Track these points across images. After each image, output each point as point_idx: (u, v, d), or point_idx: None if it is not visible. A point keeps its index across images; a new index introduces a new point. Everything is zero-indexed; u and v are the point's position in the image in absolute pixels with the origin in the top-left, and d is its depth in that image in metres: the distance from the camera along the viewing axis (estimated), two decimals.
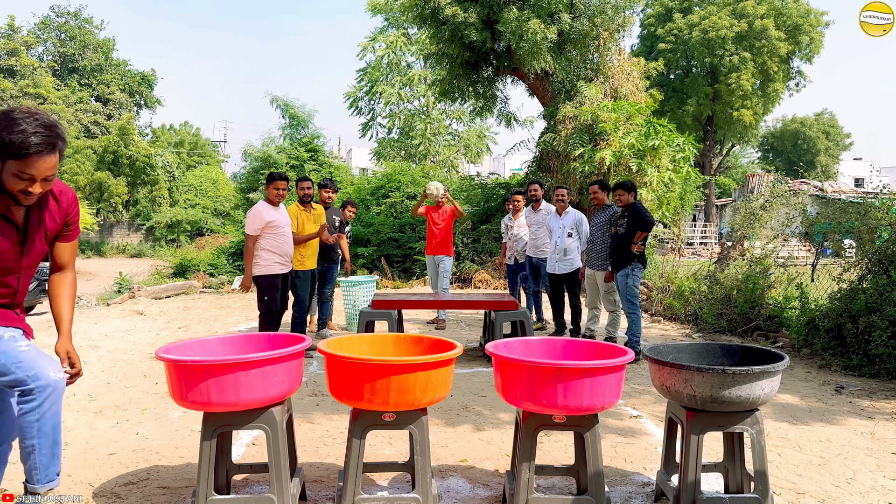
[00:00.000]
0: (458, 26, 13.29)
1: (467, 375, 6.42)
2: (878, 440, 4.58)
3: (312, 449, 4.31)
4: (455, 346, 3.17)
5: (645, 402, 5.56)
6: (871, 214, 7.58)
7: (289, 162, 21.87)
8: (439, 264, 9.09)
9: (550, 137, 14.01)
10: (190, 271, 15.85)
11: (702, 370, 2.98)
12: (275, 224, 6.54)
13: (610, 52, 14.64)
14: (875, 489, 3.70)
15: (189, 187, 35.57)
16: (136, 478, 3.74)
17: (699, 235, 32.52)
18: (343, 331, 8.88)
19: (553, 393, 2.89)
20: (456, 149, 31.67)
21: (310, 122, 25.58)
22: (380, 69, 31.00)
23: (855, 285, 7.28)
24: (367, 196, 18.30)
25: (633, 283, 7.01)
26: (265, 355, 2.94)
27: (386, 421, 3.06)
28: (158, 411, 5.16)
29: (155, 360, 6.82)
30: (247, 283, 6.54)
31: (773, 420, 5.00)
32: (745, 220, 10.71)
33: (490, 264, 14.97)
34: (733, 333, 8.75)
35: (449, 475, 3.84)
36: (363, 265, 15.84)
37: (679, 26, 33.62)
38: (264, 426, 3.07)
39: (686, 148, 12.64)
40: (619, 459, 4.16)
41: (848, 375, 6.54)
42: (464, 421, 4.95)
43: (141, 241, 33.92)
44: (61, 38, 42.21)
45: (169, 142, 42.09)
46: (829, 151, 49.74)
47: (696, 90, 34.08)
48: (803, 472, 3.96)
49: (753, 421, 3.13)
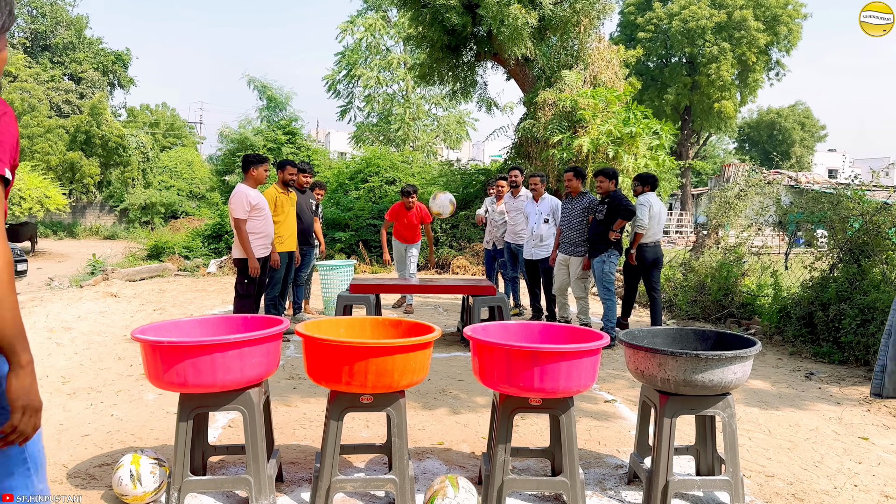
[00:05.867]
0: (439, 9, 13.21)
1: (445, 360, 6.45)
2: (846, 425, 4.69)
3: (289, 431, 4.31)
4: (433, 329, 3.19)
5: (619, 386, 5.63)
6: (843, 205, 7.70)
7: (266, 144, 21.63)
8: (406, 250, 9.12)
9: (530, 124, 14.03)
10: (164, 254, 15.67)
11: (675, 354, 3.02)
12: (258, 206, 6.47)
13: (590, 39, 14.66)
14: (842, 472, 3.79)
15: (164, 169, 35.08)
16: (111, 459, 3.71)
17: (675, 224, 32.83)
18: (320, 315, 8.86)
19: (530, 376, 2.92)
20: (435, 134, 31.57)
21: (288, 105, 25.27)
22: (358, 52, 30.74)
23: (826, 274, 7.41)
24: (346, 180, 18.19)
25: (609, 269, 7.09)
26: (243, 337, 2.93)
27: (364, 403, 3.07)
28: (133, 393, 5.12)
29: (129, 343, 6.76)
30: (254, 265, 6.37)
31: (744, 405, 5.10)
32: (720, 209, 10.83)
33: (468, 250, 14.99)
34: (707, 320, 8.87)
35: (426, 457, 3.87)
36: (341, 250, 15.77)
37: (659, 15, 33.76)
38: (241, 408, 3.06)
39: (663, 135, 12.74)
40: (594, 442, 4.22)
41: (818, 362, 6.67)
42: (441, 404, 4.98)
43: (115, 222, 33.45)
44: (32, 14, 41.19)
45: (145, 122, 41.42)
46: (804, 142, 50.38)
47: (675, 80, 34.28)
48: (773, 455, 4.04)
49: (725, 405, 3.19)
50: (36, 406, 1.65)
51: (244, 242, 6.36)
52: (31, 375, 1.63)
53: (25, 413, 1.63)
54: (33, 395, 1.64)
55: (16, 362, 1.61)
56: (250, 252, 6.35)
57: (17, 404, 1.61)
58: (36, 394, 1.65)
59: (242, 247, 6.38)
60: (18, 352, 1.61)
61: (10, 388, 1.61)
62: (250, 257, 6.35)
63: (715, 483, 3.24)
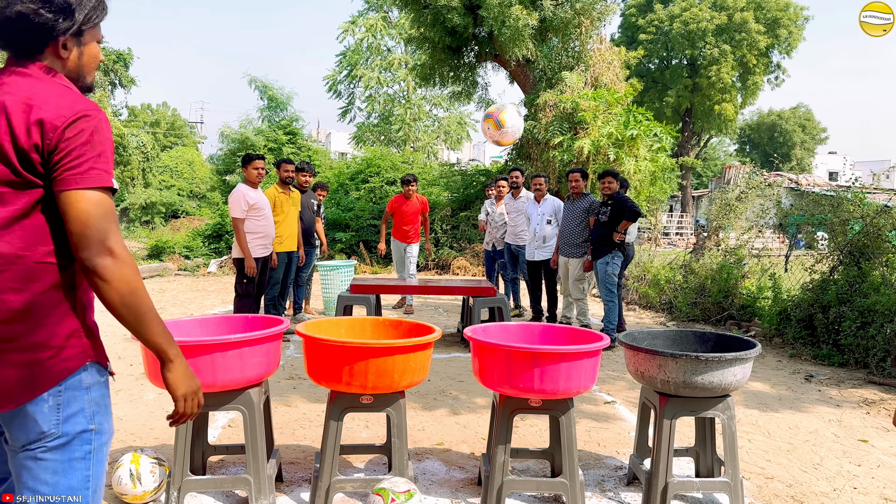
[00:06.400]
0: (441, 10, 13.21)
1: (445, 360, 6.46)
2: (845, 427, 4.69)
3: (289, 431, 4.31)
4: (434, 329, 3.19)
5: (619, 388, 5.63)
6: (843, 207, 7.70)
7: (267, 144, 21.63)
8: (406, 249, 9.11)
9: (531, 125, 14.02)
10: (165, 254, 15.67)
11: (675, 356, 3.03)
12: (256, 206, 6.50)
13: (591, 41, 14.66)
14: (841, 474, 3.79)
15: (164, 168, 35.06)
16: (111, 458, 3.71)
17: (675, 225, 32.84)
18: (321, 315, 8.86)
19: (530, 377, 2.92)
20: (436, 135, 31.56)
21: (289, 105, 25.26)
22: (359, 53, 30.74)
23: (826, 276, 7.41)
24: (347, 181, 18.18)
25: (612, 270, 7.09)
26: (243, 336, 2.93)
27: (364, 403, 3.08)
28: (133, 393, 5.12)
29: (129, 342, 6.76)
30: (250, 264, 6.41)
31: (743, 407, 5.10)
32: (720, 211, 10.84)
33: (468, 251, 14.99)
34: (707, 322, 8.87)
35: (425, 458, 3.87)
36: (341, 250, 15.77)
37: (660, 17, 33.74)
38: (241, 407, 3.07)
39: (663, 138, 12.74)
40: (593, 443, 4.22)
41: (817, 364, 6.67)
42: (441, 405, 4.98)
43: None
44: None
45: (145, 121, 41.39)
46: (805, 145, 50.34)
47: (676, 82, 34.26)
48: (772, 457, 4.04)
49: (725, 407, 3.19)
50: (194, 389, 1.77)
51: (241, 241, 6.41)
52: (181, 366, 1.73)
53: (187, 399, 1.76)
54: (189, 381, 1.76)
55: (166, 357, 1.70)
56: (247, 251, 6.39)
57: (178, 393, 1.74)
58: (190, 378, 1.76)
59: (239, 245, 6.43)
60: (166, 348, 1.69)
61: (168, 381, 1.73)
62: (247, 256, 6.40)
63: (714, 485, 3.24)
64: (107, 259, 1.56)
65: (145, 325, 1.64)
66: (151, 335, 1.65)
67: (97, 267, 1.55)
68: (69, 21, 1.65)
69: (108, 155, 1.62)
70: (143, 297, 1.62)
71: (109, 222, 1.58)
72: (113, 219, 1.60)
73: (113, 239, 1.57)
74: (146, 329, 1.64)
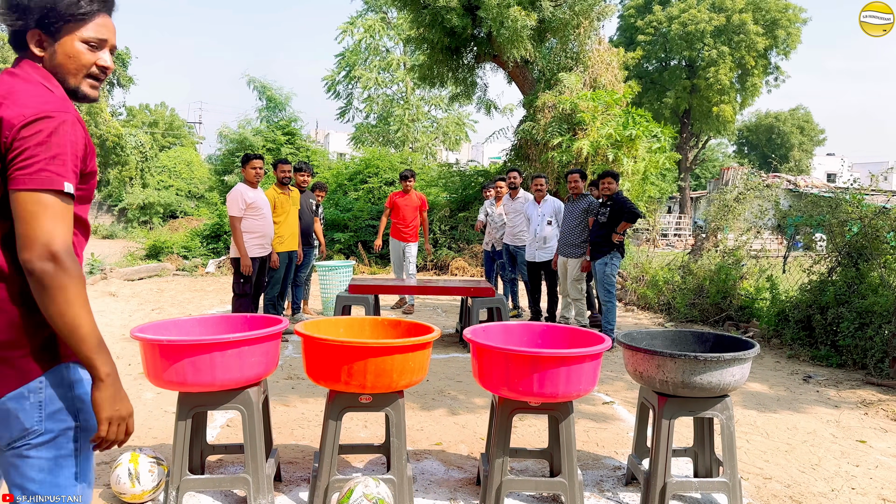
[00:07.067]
0: (439, 11, 13.22)
1: (443, 361, 6.45)
2: (843, 428, 4.70)
3: (288, 431, 4.31)
4: (432, 329, 3.19)
5: (617, 388, 5.63)
6: (841, 208, 7.71)
7: (265, 145, 21.60)
8: (404, 249, 9.12)
9: (529, 126, 14.03)
10: (163, 253, 15.65)
11: (674, 356, 3.03)
12: (254, 205, 6.51)
13: (590, 42, 14.68)
14: (839, 475, 3.79)
15: (162, 168, 35.03)
16: (109, 457, 3.70)
17: (674, 226, 32.85)
18: (319, 315, 8.85)
19: (529, 381, 2.91)
20: (434, 136, 31.57)
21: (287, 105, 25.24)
22: (358, 53, 30.75)
23: (825, 278, 7.42)
24: (345, 181, 18.17)
25: (611, 271, 7.09)
26: (242, 336, 2.93)
27: (362, 403, 3.08)
28: (131, 392, 5.11)
29: (128, 342, 6.75)
30: (246, 263, 6.43)
31: (742, 407, 5.10)
32: (718, 212, 10.86)
33: (467, 252, 14.99)
34: (705, 323, 8.88)
35: (424, 458, 3.87)
36: (340, 250, 15.76)
37: (658, 18, 33.77)
38: (240, 407, 3.06)
39: (662, 138, 12.75)
40: (592, 444, 4.22)
41: (816, 365, 6.68)
42: (439, 405, 4.98)
43: (113, 222, 33.37)
44: None
45: (144, 121, 41.34)
46: (803, 146, 50.40)
47: (674, 83, 34.29)
48: (770, 457, 4.05)
49: (723, 407, 3.19)
50: (122, 414, 1.66)
51: (237, 240, 6.43)
52: (112, 387, 1.62)
53: (111, 423, 1.64)
54: (119, 405, 1.64)
55: (96, 375, 1.60)
56: (243, 250, 6.42)
57: (102, 415, 1.62)
58: (121, 402, 1.65)
59: (235, 244, 6.46)
60: (97, 365, 1.59)
61: (94, 400, 1.62)
62: (242, 255, 6.42)
63: (713, 485, 3.25)
64: (47, 264, 1.50)
65: (78, 338, 1.55)
66: (84, 349, 1.56)
67: (35, 271, 1.50)
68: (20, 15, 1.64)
69: (64, 158, 1.55)
70: (79, 310, 1.53)
71: (58, 226, 1.52)
72: (62, 223, 1.54)
73: (58, 244, 1.51)
74: (79, 343, 1.55)
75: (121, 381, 1.66)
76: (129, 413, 1.68)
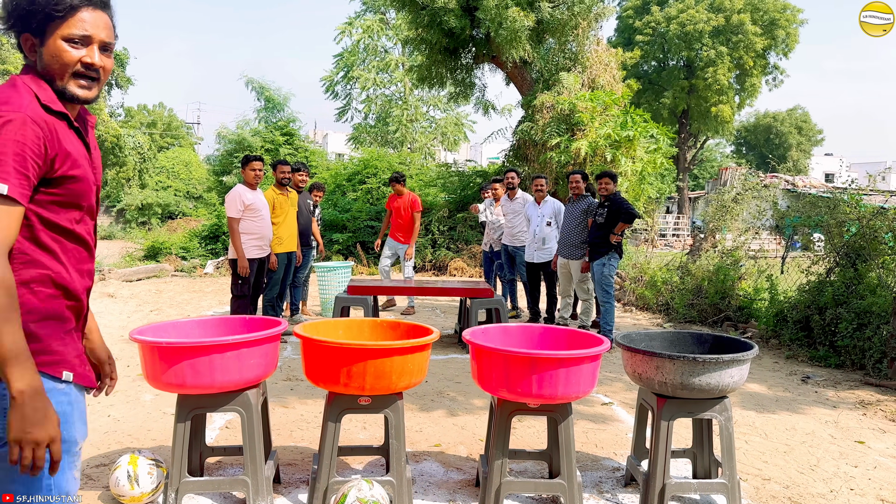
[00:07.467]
0: (437, 11, 13.22)
1: (442, 362, 6.45)
2: (842, 429, 4.70)
3: (287, 433, 4.31)
4: (431, 331, 3.19)
5: (616, 389, 5.63)
6: (839, 209, 7.73)
7: (264, 145, 21.60)
8: (401, 249, 9.14)
9: (528, 126, 14.04)
10: (161, 254, 15.64)
11: (673, 357, 3.03)
12: (253, 207, 6.52)
13: (588, 42, 14.69)
14: (838, 476, 3.80)
15: (161, 169, 35.00)
16: (108, 460, 3.71)
17: (672, 227, 32.87)
18: (318, 317, 8.85)
19: (528, 382, 2.91)
20: (433, 136, 31.58)
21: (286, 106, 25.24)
22: (356, 54, 30.76)
23: (823, 278, 7.43)
24: (344, 182, 18.18)
25: (609, 272, 7.10)
26: (241, 338, 2.93)
27: (361, 405, 3.07)
28: (130, 394, 5.11)
29: (126, 343, 6.74)
30: (242, 264, 6.43)
31: (740, 408, 5.11)
32: (717, 213, 10.87)
33: (465, 252, 14.99)
34: (704, 323, 8.88)
35: (423, 459, 3.87)
36: (338, 251, 15.76)
37: (657, 19, 33.80)
38: (239, 409, 3.06)
39: (660, 139, 12.77)
40: (591, 445, 4.22)
41: (814, 366, 6.68)
42: (438, 406, 4.98)
43: (111, 222, 33.35)
44: None
45: (142, 122, 41.30)
46: (801, 146, 50.46)
47: (673, 83, 34.32)
48: (769, 458, 4.05)
49: (722, 408, 3.20)
50: (35, 439, 1.47)
51: (235, 241, 6.44)
52: (26, 406, 1.45)
53: (23, 447, 1.46)
54: (31, 428, 1.46)
55: (9, 392, 1.45)
56: (240, 251, 6.42)
57: (9, 437, 1.46)
58: (36, 425, 1.46)
59: (233, 245, 6.47)
60: (10, 380, 1.44)
61: (8, 419, 1.46)
62: (240, 256, 6.43)
63: (712, 486, 3.25)
64: None
65: None
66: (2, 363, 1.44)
67: None
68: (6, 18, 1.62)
69: (3, 158, 1.48)
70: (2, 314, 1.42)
71: None
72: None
73: None
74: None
75: (48, 402, 1.50)
76: (50, 438, 1.49)
